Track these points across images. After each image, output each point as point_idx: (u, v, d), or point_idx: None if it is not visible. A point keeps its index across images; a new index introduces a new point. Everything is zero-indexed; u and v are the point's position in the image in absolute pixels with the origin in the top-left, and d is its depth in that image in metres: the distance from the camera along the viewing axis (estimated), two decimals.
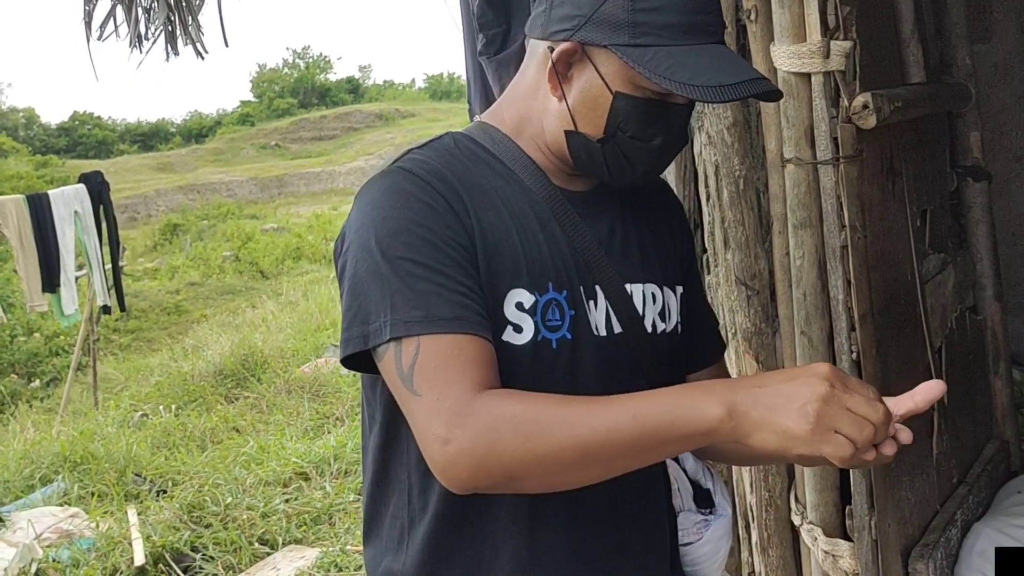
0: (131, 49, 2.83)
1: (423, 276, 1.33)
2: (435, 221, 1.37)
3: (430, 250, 1.35)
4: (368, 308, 1.34)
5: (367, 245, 1.36)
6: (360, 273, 1.36)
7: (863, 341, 2.07)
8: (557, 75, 1.44)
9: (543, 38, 1.46)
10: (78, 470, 6.89)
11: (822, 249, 2.10)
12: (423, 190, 1.39)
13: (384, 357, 1.33)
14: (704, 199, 2.42)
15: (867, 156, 2.08)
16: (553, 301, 1.43)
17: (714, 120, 2.29)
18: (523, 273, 1.42)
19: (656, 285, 1.58)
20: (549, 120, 1.49)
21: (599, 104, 1.43)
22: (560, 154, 1.51)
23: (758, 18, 2.13)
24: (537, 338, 1.41)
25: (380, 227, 1.36)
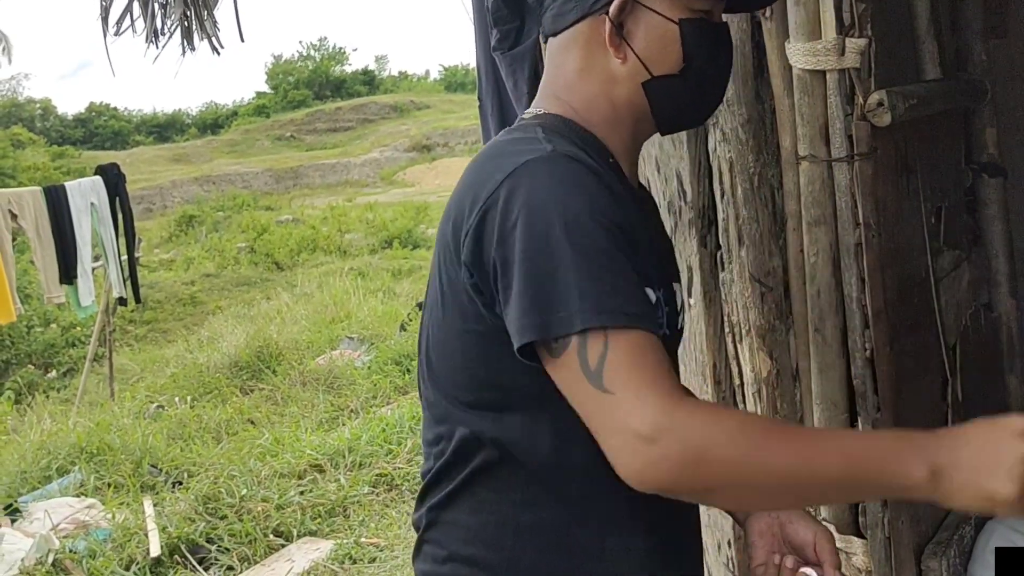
0: (147, 44, 2.84)
1: (608, 267, 1.28)
2: (614, 210, 1.33)
3: (611, 239, 1.30)
4: (552, 295, 1.27)
5: (547, 232, 1.28)
6: (540, 259, 1.28)
7: (877, 338, 2.07)
8: (619, 35, 1.46)
9: (584, 16, 1.47)
10: (94, 461, 6.94)
11: (836, 246, 2.10)
12: (597, 182, 1.35)
13: (563, 351, 1.28)
14: (718, 196, 2.41)
15: (882, 153, 2.08)
16: (661, 298, 1.42)
17: (728, 117, 2.29)
18: (653, 268, 1.41)
19: (677, 282, 1.60)
20: (619, 88, 1.49)
21: (668, 39, 1.46)
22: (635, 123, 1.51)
23: (773, 15, 2.12)
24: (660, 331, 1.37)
25: (563, 214, 1.29)
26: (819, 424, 2.18)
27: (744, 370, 2.48)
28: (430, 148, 38.66)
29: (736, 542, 2.68)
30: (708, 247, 2.51)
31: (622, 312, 1.26)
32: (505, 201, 1.33)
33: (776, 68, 2.16)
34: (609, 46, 1.46)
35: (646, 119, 1.52)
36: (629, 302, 1.27)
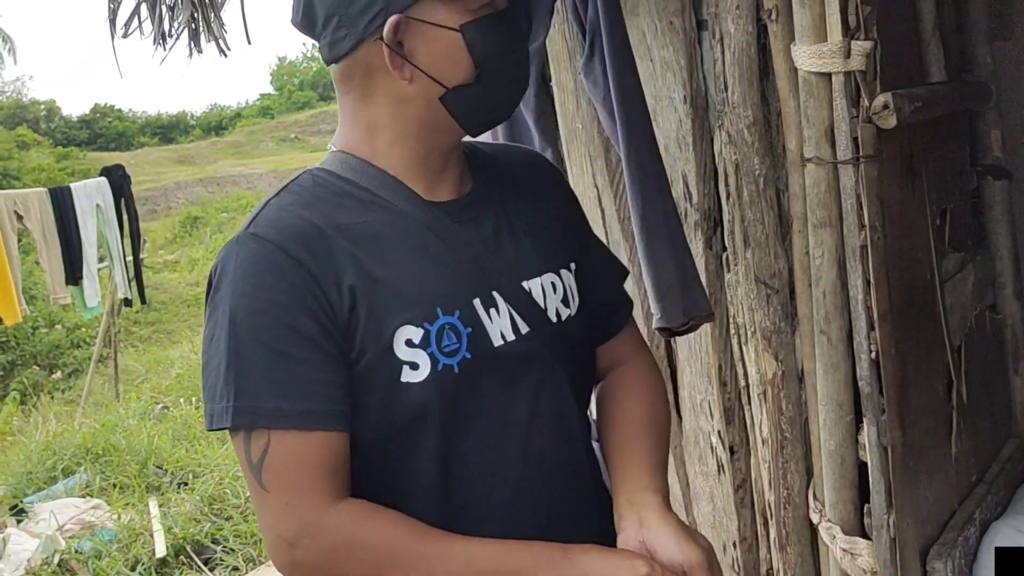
0: (155, 47, 2.85)
1: (277, 364, 1.31)
2: (291, 299, 1.33)
3: (287, 334, 1.32)
4: (223, 390, 1.32)
5: (222, 322, 1.33)
6: (219, 352, 1.33)
7: (882, 340, 2.07)
8: (398, 55, 1.40)
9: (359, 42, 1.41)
10: (100, 462, 6.97)
11: (842, 248, 2.10)
12: (280, 262, 1.34)
13: (234, 439, 1.34)
14: (724, 198, 2.42)
15: (887, 156, 2.08)
16: (446, 326, 1.40)
17: (734, 119, 2.30)
18: (407, 308, 1.38)
19: (553, 272, 1.57)
20: (409, 109, 1.44)
21: (454, 48, 1.40)
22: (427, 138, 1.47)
23: (779, 18, 2.13)
24: (437, 368, 1.39)
25: (235, 304, 1.33)
26: (825, 425, 2.19)
27: (749, 371, 2.50)
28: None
29: (741, 543, 2.69)
30: (713, 249, 2.52)
31: (286, 412, 1.30)
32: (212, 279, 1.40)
33: (782, 70, 2.17)
34: (392, 69, 1.41)
35: (445, 129, 1.47)
36: (298, 399, 1.31)
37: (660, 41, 2.45)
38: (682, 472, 2.93)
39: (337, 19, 1.41)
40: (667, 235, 2.31)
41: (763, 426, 2.47)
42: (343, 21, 1.40)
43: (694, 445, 2.82)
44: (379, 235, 1.41)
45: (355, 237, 1.39)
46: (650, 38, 2.48)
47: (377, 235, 1.41)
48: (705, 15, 2.37)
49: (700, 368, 2.66)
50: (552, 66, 2.99)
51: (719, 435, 2.67)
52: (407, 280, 1.40)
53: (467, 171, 1.58)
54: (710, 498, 2.82)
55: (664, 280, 2.31)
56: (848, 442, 2.18)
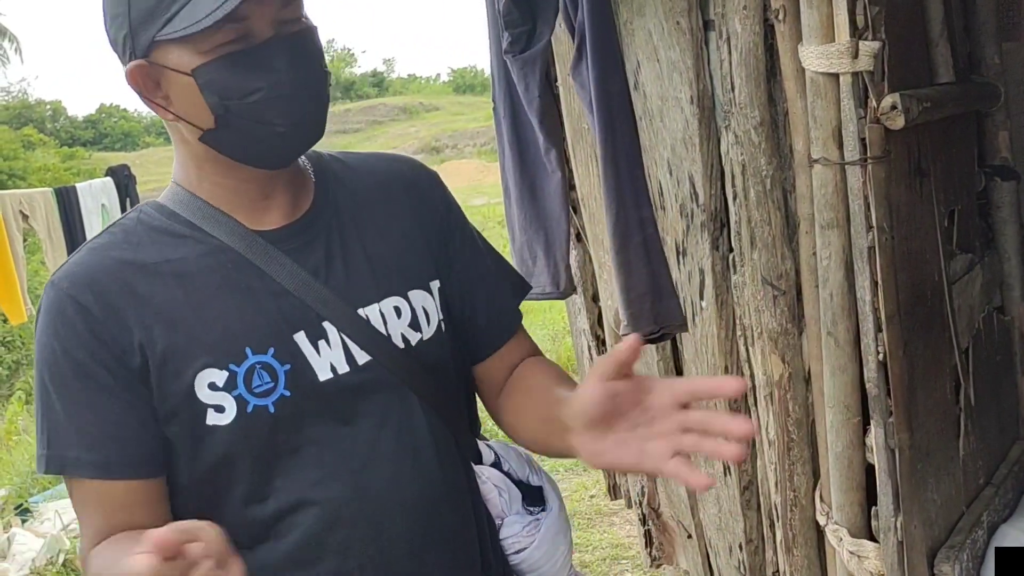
0: None
1: (68, 411, 1.33)
2: (81, 345, 1.32)
3: (76, 381, 1.32)
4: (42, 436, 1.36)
5: (36, 371, 1.37)
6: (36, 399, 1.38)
7: (890, 342, 2.06)
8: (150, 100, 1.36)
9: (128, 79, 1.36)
10: None
11: (849, 250, 2.09)
12: (69, 309, 1.32)
13: None
14: (731, 199, 2.41)
15: (895, 157, 2.07)
16: (257, 364, 1.35)
17: (741, 120, 2.29)
18: (208, 351, 1.34)
19: (399, 296, 1.48)
20: (190, 147, 1.40)
21: (191, 93, 1.31)
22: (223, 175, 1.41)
23: (786, 18, 2.12)
24: (247, 410, 1.34)
25: (38, 353, 1.36)
26: (832, 427, 2.18)
27: (756, 373, 2.49)
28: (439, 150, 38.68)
29: (748, 545, 2.69)
30: (720, 250, 2.51)
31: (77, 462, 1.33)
32: None
33: (789, 71, 2.16)
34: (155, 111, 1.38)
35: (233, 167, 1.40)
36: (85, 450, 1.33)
37: (667, 41, 2.45)
38: None
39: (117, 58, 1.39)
40: (641, 242, 2.30)
41: (770, 428, 2.46)
42: (118, 56, 1.38)
43: None
44: (187, 274, 1.37)
45: (161, 277, 1.36)
46: (656, 38, 2.48)
47: (185, 274, 1.37)
48: (712, 15, 2.36)
49: (706, 369, 2.65)
50: (558, 66, 2.99)
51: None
52: (211, 320, 1.35)
53: (306, 192, 1.49)
54: (716, 500, 2.81)
55: (635, 287, 2.31)
56: (855, 444, 2.17)
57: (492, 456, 1.68)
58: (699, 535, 3.04)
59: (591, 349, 3.52)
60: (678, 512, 3.13)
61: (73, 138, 50.10)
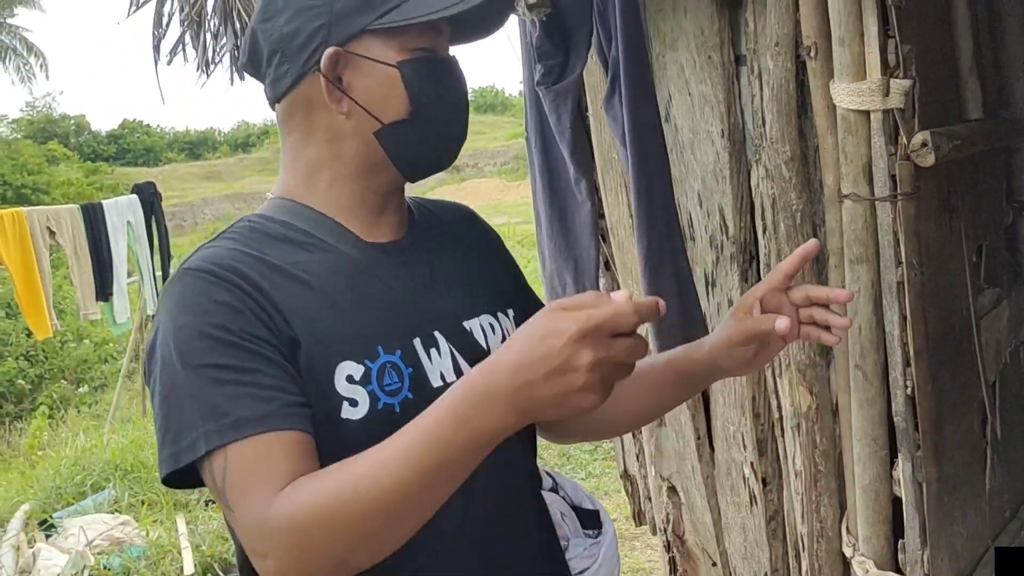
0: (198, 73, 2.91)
1: (225, 379, 1.26)
2: (231, 319, 1.30)
3: (230, 351, 1.28)
4: (179, 424, 1.26)
5: (168, 360, 1.29)
6: (166, 390, 1.29)
7: (918, 376, 2.09)
8: (337, 88, 1.42)
9: (299, 77, 1.44)
10: (129, 478, 7.01)
11: (878, 284, 2.12)
12: (215, 288, 1.32)
13: (201, 473, 1.28)
14: (760, 231, 2.44)
15: (924, 193, 2.09)
16: (388, 364, 1.38)
17: (772, 154, 2.32)
18: (347, 345, 1.36)
19: (490, 314, 1.56)
20: (346, 145, 1.46)
21: (390, 83, 1.41)
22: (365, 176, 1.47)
23: (818, 55, 2.15)
24: (377, 407, 1.36)
25: (176, 338, 1.29)
26: (859, 460, 2.20)
27: (784, 404, 2.51)
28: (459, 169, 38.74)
29: (773, 575, 2.70)
30: (749, 281, 2.53)
31: (235, 424, 1.24)
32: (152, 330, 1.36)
33: (820, 107, 2.18)
34: (330, 103, 1.43)
35: (383, 170, 1.48)
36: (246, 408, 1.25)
37: (699, 76, 2.48)
38: (714, 502, 2.94)
39: (280, 55, 1.44)
40: (672, 273, 2.32)
41: (796, 458, 2.48)
42: (285, 56, 1.43)
43: (726, 476, 2.83)
44: (316, 274, 1.40)
45: (290, 276, 1.38)
46: (688, 72, 2.51)
47: (314, 274, 1.40)
48: (744, 51, 2.39)
49: (733, 399, 2.68)
50: (588, 96, 3.02)
51: (751, 466, 2.68)
52: (346, 318, 1.38)
53: (404, 215, 1.58)
54: (742, 529, 2.83)
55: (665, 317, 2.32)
56: (882, 477, 2.19)
57: (551, 482, 1.73)
58: (724, 563, 3.05)
59: None
60: (703, 540, 3.14)
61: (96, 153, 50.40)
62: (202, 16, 2.85)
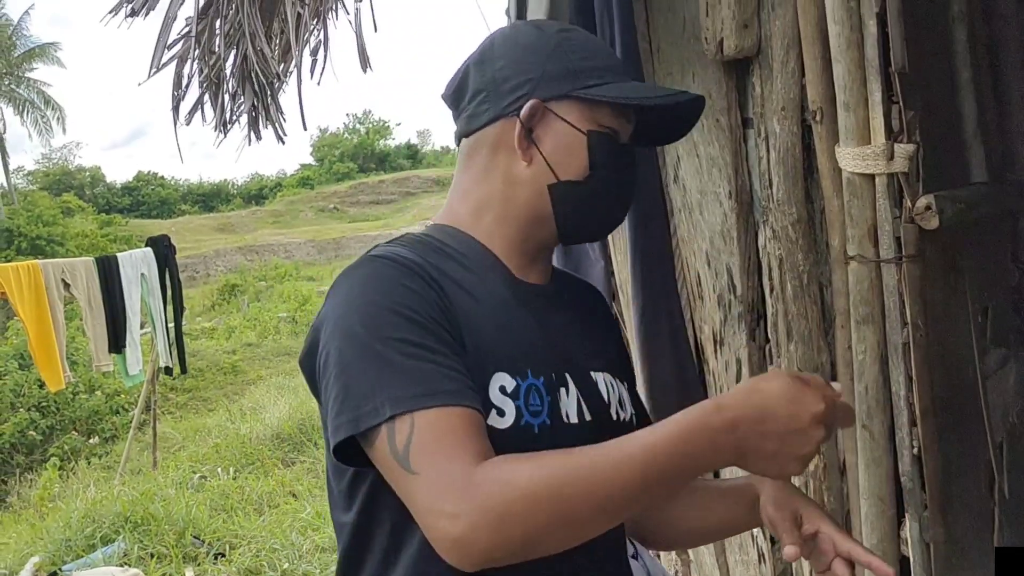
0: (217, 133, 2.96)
1: (413, 353, 1.32)
2: (419, 303, 1.37)
3: (418, 329, 1.34)
4: (359, 391, 1.31)
5: (351, 330, 1.34)
6: (347, 358, 1.34)
7: (924, 436, 2.10)
8: (528, 138, 1.52)
9: (496, 118, 1.55)
10: (138, 530, 7.00)
11: (884, 345, 2.14)
12: (403, 275, 1.40)
13: (375, 440, 1.30)
14: (767, 291, 2.47)
15: (930, 256, 2.12)
16: (533, 387, 1.44)
17: (779, 216, 2.35)
18: (504, 357, 1.43)
19: (612, 375, 1.62)
20: (519, 190, 1.55)
21: (575, 147, 1.52)
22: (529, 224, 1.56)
23: (823, 119, 2.19)
24: (520, 423, 1.40)
25: (364, 311, 1.35)
26: (866, 519, 2.21)
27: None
28: None
29: None
30: (756, 341, 2.56)
31: (425, 393, 1.28)
32: (323, 312, 1.43)
33: (826, 170, 2.22)
34: (517, 147, 1.53)
35: (544, 223, 1.57)
36: (433, 384, 1.30)
37: (706, 138, 2.52)
38: (722, 560, 2.94)
39: (484, 95, 1.56)
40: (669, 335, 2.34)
41: None
42: (489, 97, 1.55)
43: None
44: (477, 292, 1.48)
45: (459, 286, 1.46)
46: (696, 134, 2.55)
47: (475, 291, 1.48)
48: (751, 114, 2.43)
49: None
50: None
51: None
52: (503, 335, 1.46)
53: (551, 271, 1.68)
54: None
55: (659, 378, 2.34)
56: (890, 537, 2.20)
57: (632, 549, 1.74)
58: None
59: None
60: None
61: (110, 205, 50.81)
62: (220, 77, 2.91)
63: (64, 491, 9.75)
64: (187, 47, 2.96)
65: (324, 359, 1.38)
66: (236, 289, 29.04)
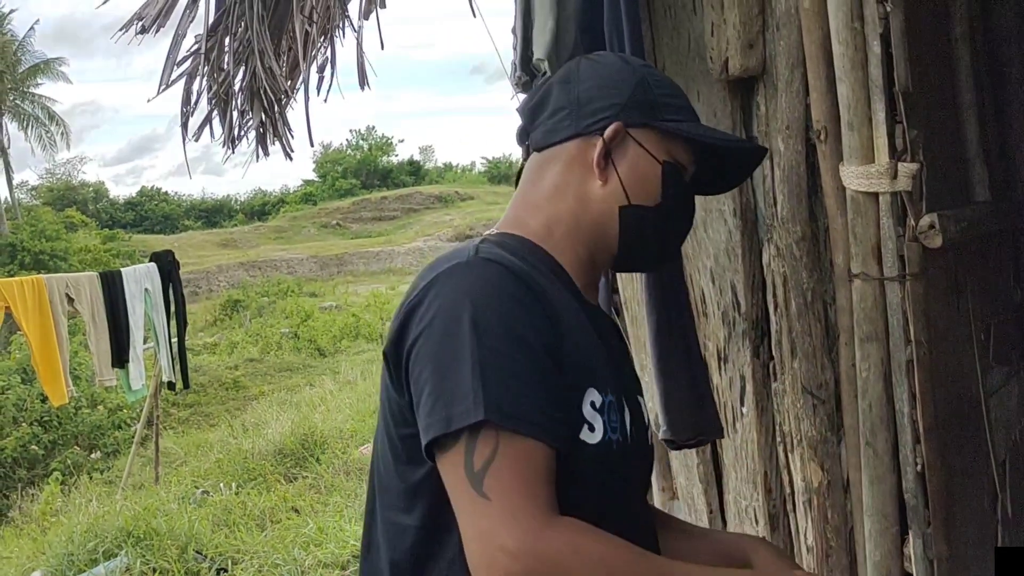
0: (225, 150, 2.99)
1: (513, 371, 1.31)
2: (528, 322, 1.36)
3: (524, 349, 1.33)
4: (457, 390, 1.29)
5: (459, 330, 1.32)
6: (448, 357, 1.32)
7: (928, 454, 2.11)
8: (606, 158, 1.56)
9: (576, 135, 1.58)
10: (141, 545, 6.99)
11: (888, 362, 2.15)
12: (516, 287, 1.39)
13: (450, 449, 1.29)
14: (772, 309, 2.48)
15: (933, 274, 2.14)
16: (612, 403, 1.46)
17: (783, 234, 2.37)
18: (592, 374, 1.44)
19: (641, 397, 1.67)
20: (590, 208, 1.57)
21: (650, 175, 1.57)
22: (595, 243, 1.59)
23: (827, 139, 2.20)
24: (605, 438, 1.42)
25: (476, 314, 1.33)
26: (870, 536, 2.22)
27: (795, 479, 2.53)
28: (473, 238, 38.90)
29: None
30: (761, 357, 2.57)
31: (520, 418, 1.28)
32: (424, 304, 1.39)
33: (830, 189, 2.24)
34: (595, 167, 1.56)
35: (609, 244, 1.60)
36: (530, 409, 1.30)
37: None
38: None
39: (567, 111, 1.59)
40: (684, 350, 2.36)
41: (808, 534, 2.50)
42: (571, 114, 1.58)
43: None
44: (565, 307, 1.47)
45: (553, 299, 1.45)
46: None
47: (565, 306, 1.47)
48: (755, 132, 2.45)
49: (746, 474, 2.70)
50: None
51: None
52: (590, 350, 1.47)
53: None
54: None
55: (675, 394, 2.36)
56: (893, 554, 2.21)
57: None
58: None
59: None
60: None
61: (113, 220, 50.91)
62: (229, 94, 2.93)
63: (66, 506, 9.74)
64: (196, 64, 2.99)
65: (419, 351, 1.36)
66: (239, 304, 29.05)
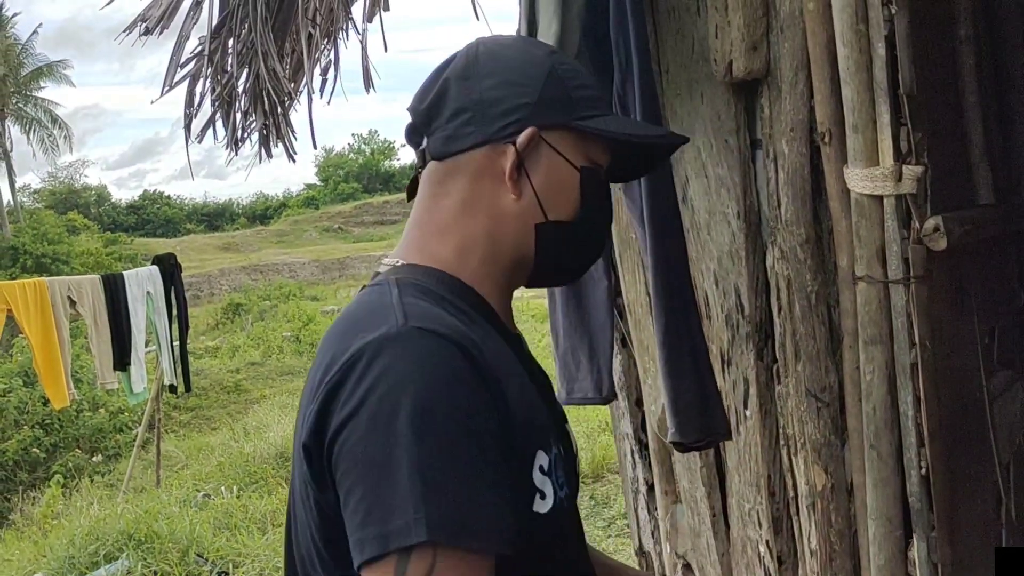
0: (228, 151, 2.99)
1: (461, 475, 1.12)
2: (475, 408, 1.16)
3: (472, 443, 1.14)
4: (393, 501, 1.10)
5: (394, 426, 1.11)
6: (380, 456, 1.11)
7: (932, 457, 2.11)
8: (519, 169, 1.35)
9: (483, 143, 1.35)
10: (142, 548, 6.99)
11: (892, 365, 2.15)
12: (458, 364, 1.18)
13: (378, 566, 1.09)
14: (775, 311, 2.48)
15: (937, 276, 2.13)
16: (558, 456, 1.31)
17: (787, 236, 2.36)
18: (537, 432, 1.27)
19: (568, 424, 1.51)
20: (505, 227, 1.37)
21: (568, 184, 1.37)
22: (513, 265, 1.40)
23: (832, 141, 2.20)
24: (556, 502, 1.27)
25: (415, 406, 1.12)
26: (874, 540, 2.21)
27: (799, 482, 2.52)
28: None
29: None
30: (764, 360, 2.56)
31: (464, 532, 1.10)
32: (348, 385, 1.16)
33: (834, 191, 2.24)
34: (507, 179, 1.35)
35: (524, 265, 1.41)
36: (478, 519, 1.11)
37: (715, 159, 2.54)
38: None
39: (469, 115, 1.36)
40: (690, 351, 2.35)
41: (812, 537, 2.49)
42: (475, 118, 1.36)
43: (741, 554, 2.83)
44: (498, 358, 1.27)
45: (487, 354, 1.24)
46: (705, 155, 2.57)
47: (498, 359, 1.27)
48: (759, 135, 2.45)
49: (749, 477, 2.69)
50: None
51: (767, 545, 2.68)
52: (530, 403, 1.29)
53: None
54: None
55: (682, 396, 2.36)
56: (897, 557, 2.20)
57: None
58: None
59: (634, 453, 3.56)
60: None
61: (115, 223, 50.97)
62: (233, 96, 2.94)
63: (67, 509, 9.74)
64: (200, 66, 2.99)
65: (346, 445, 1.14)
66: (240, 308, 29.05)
